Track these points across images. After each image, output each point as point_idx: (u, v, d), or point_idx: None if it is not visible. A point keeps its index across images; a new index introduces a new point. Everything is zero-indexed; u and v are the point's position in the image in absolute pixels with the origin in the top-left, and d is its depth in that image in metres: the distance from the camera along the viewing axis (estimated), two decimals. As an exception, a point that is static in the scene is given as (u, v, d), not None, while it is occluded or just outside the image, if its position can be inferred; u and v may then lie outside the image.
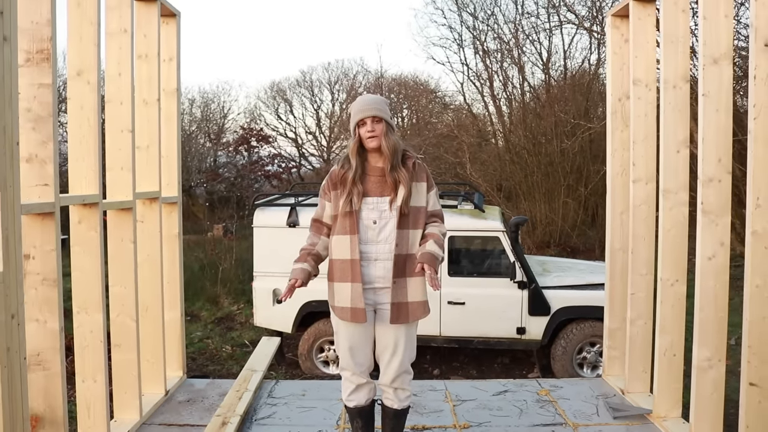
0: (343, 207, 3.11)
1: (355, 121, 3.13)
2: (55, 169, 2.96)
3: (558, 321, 6.40)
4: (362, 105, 3.13)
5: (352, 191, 3.10)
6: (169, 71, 4.59)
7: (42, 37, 2.90)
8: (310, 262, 3.20)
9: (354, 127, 3.15)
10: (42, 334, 2.99)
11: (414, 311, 3.16)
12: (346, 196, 3.10)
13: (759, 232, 3.04)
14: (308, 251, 3.22)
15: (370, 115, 3.08)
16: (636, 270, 4.34)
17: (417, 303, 3.16)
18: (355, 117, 3.13)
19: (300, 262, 3.19)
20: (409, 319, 3.15)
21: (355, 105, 3.17)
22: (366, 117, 3.09)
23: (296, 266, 3.19)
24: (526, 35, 15.94)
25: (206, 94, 26.74)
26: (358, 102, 3.17)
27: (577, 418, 4.14)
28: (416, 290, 3.16)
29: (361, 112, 3.10)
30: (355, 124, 3.14)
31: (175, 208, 4.70)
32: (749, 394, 3.10)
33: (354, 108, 3.16)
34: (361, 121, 3.11)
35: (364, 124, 3.10)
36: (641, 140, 4.30)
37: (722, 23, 3.39)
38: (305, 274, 3.16)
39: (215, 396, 4.53)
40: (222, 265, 11.01)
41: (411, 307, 3.15)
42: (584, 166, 14.61)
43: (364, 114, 3.09)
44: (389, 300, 3.11)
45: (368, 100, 3.16)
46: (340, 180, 3.15)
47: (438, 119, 20.29)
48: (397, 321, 3.13)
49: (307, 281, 3.17)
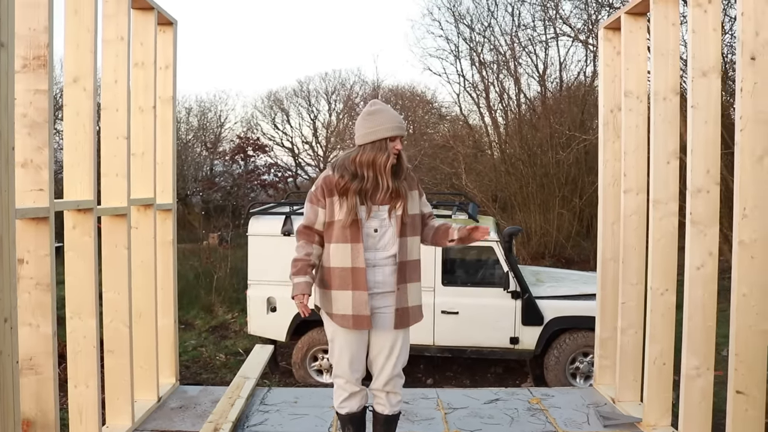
0: (346, 216, 3.08)
1: (388, 135, 3.06)
2: (50, 174, 2.99)
3: (551, 331, 6.43)
4: (396, 121, 3.10)
5: (364, 203, 3.10)
6: (165, 79, 4.63)
7: (39, 44, 2.93)
8: (311, 274, 3.21)
9: (381, 140, 3.07)
10: (35, 339, 3.00)
11: (414, 315, 3.25)
12: (351, 207, 3.07)
13: (746, 241, 3.08)
14: (306, 262, 3.19)
15: (404, 134, 3.11)
16: (627, 279, 4.37)
17: (416, 307, 3.26)
18: (388, 132, 3.06)
19: (301, 276, 3.16)
20: (410, 322, 3.23)
21: (384, 118, 3.09)
22: (400, 135, 3.09)
23: (299, 280, 3.15)
24: (522, 47, 16.04)
25: (203, 103, 26.74)
26: (389, 116, 3.11)
27: (567, 427, 4.16)
28: (415, 295, 3.24)
29: (397, 129, 3.08)
30: (386, 137, 3.07)
31: (169, 215, 4.72)
32: (736, 402, 3.12)
33: (384, 122, 3.08)
34: (392, 137, 3.08)
35: (394, 140, 3.08)
36: (632, 151, 4.35)
37: (711, 37, 3.45)
38: (310, 288, 3.17)
39: (208, 403, 4.54)
40: (217, 274, 11.02)
41: (411, 312, 3.23)
42: (579, 178, 14.67)
43: (400, 132, 3.09)
44: (390, 304, 3.16)
45: (398, 117, 3.15)
46: (339, 190, 3.12)
47: (434, 130, 20.36)
48: (400, 326, 3.19)
49: (311, 294, 3.19)
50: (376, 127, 3.08)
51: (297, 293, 3.12)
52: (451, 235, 3.24)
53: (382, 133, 3.06)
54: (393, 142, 3.07)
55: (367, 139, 3.09)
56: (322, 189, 3.17)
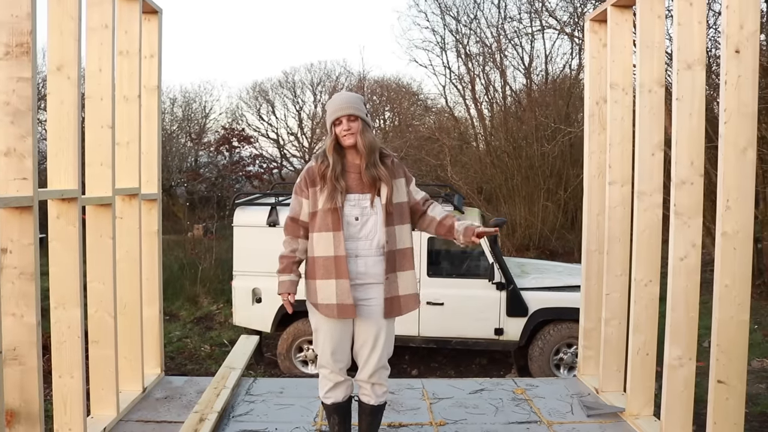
0: (325, 203, 3.11)
1: (331, 120, 3.15)
2: (33, 163, 2.96)
3: (535, 322, 6.48)
4: (338, 104, 3.15)
5: (335, 188, 3.11)
6: (150, 68, 4.58)
7: (22, 31, 2.89)
8: (296, 271, 3.23)
9: (330, 125, 3.17)
10: (18, 329, 2.98)
11: (406, 303, 3.22)
12: (329, 193, 3.10)
13: (729, 233, 3.11)
14: (291, 259, 3.21)
15: (345, 114, 3.11)
16: (611, 271, 4.40)
17: (409, 296, 3.23)
18: (331, 116, 3.15)
19: (286, 274, 3.20)
20: (402, 311, 3.22)
21: (330, 103, 3.20)
22: (342, 116, 3.12)
23: (284, 278, 3.19)
24: (508, 39, 16.08)
25: (188, 93, 26.55)
26: (334, 100, 3.19)
27: (551, 416, 4.19)
28: (407, 283, 3.22)
29: (337, 111, 3.13)
30: (331, 122, 3.16)
31: (154, 205, 4.69)
32: (717, 392, 3.16)
33: (330, 106, 3.18)
34: (337, 120, 3.14)
35: (339, 123, 3.13)
36: (617, 143, 4.37)
37: (696, 29, 3.47)
38: (295, 286, 3.20)
39: (193, 393, 4.53)
40: (202, 265, 10.99)
41: (403, 300, 3.21)
42: (564, 170, 14.75)
43: (341, 113, 3.12)
44: (375, 296, 3.17)
45: (344, 98, 3.18)
46: (320, 176, 3.15)
47: (420, 122, 20.37)
48: (390, 315, 3.19)
49: (296, 292, 3.21)
50: (327, 115, 3.22)
51: (282, 291, 3.18)
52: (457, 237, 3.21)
53: (329, 119, 3.18)
54: (338, 126, 3.14)
55: (327, 128, 3.22)
56: (305, 179, 3.20)
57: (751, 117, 3.10)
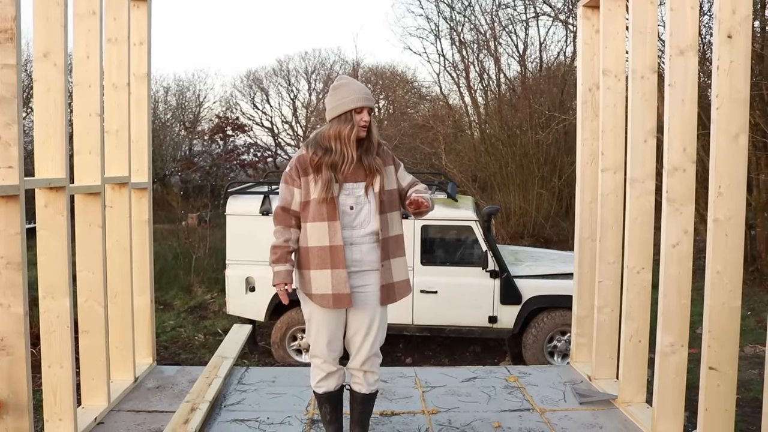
0: (320, 193, 3.07)
1: (352, 108, 3.05)
2: (19, 151, 2.92)
3: (529, 310, 6.47)
4: (361, 93, 3.07)
5: (333, 177, 3.08)
6: (139, 55, 4.54)
7: (6, 17, 2.84)
8: (291, 261, 3.21)
9: (346, 112, 3.06)
10: (6, 319, 2.95)
11: (400, 290, 3.24)
12: (324, 182, 3.07)
13: (721, 219, 3.10)
14: (285, 249, 3.18)
15: (369, 106, 3.08)
16: (604, 258, 4.40)
17: (402, 282, 3.25)
18: (352, 103, 3.04)
19: (281, 264, 3.17)
20: (396, 297, 3.23)
21: (348, 91, 3.08)
22: (366, 106, 3.06)
23: (280, 269, 3.16)
24: (502, 27, 15.97)
25: (181, 82, 26.36)
26: (354, 88, 3.09)
27: (544, 404, 4.20)
28: (400, 270, 3.24)
29: (362, 101, 3.05)
30: (350, 109, 3.05)
31: (145, 194, 4.66)
32: (709, 378, 3.17)
33: (348, 94, 3.07)
34: (358, 109, 3.06)
35: (360, 112, 3.06)
36: (610, 130, 4.35)
37: (688, 15, 3.44)
38: (291, 276, 3.18)
39: (185, 383, 4.52)
40: (195, 254, 10.94)
41: (397, 287, 3.22)
42: (558, 158, 14.72)
43: (365, 103, 3.06)
44: (370, 283, 3.17)
45: (364, 89, 3.12)
46: (314, 166, 3.11)
47: (414, 110, 20.28)
48: (386, 302, 3.20)
49: (292, 281, 3.19)
50: (342, 99, 3.07)
51: (278, 282, 3.15)
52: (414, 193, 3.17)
53: (347, 105, 3.05)
54: (359, 114, 3.06)
55: (335, 113, 3.09)
56: (297, 168, 3.15)
57: (743, 103, 3.08)
